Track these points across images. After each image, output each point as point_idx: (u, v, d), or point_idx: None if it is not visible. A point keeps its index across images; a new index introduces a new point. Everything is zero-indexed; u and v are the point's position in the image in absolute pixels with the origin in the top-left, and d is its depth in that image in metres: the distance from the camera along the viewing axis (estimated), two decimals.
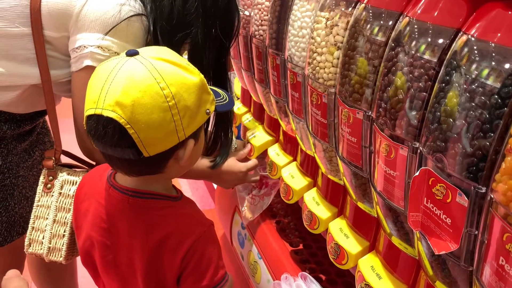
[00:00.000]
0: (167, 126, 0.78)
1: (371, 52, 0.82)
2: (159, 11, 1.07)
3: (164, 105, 0.77)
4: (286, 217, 1.58)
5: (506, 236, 0.55)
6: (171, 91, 0.78)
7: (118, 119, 0.76)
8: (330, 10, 0.95)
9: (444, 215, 0.65)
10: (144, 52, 0.81)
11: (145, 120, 0.77)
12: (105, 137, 0.79)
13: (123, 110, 0.76)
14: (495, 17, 0.61)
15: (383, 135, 0.77)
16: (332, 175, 1.08)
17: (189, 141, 0.84)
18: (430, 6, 0.72)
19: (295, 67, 1.11)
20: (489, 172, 0.58)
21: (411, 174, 0.73)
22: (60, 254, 1.11)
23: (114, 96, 0.77)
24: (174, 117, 0.78)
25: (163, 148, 0.81)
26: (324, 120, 1.00)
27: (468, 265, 0.64)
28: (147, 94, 0.76)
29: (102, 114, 0.77)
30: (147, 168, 0.86)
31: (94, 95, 0.79)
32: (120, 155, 0.81)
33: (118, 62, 0.80)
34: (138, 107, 0.76)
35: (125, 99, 0.76)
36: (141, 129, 0.77)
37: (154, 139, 0.79)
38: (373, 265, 0.92)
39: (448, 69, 0.65)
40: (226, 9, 1.14)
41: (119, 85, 0.77)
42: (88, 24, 1.03)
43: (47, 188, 1.12)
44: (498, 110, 0.57)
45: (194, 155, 0.91)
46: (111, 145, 0.80)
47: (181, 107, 0.79)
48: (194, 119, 0.82)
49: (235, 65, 1.65)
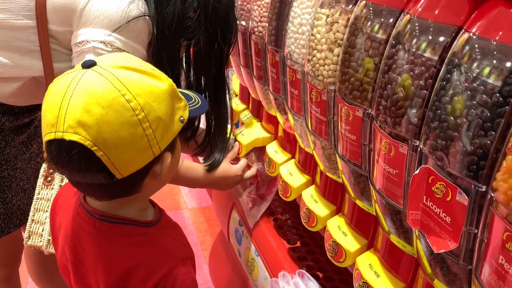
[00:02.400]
0: (139, 142, 0.70)
1: (371, 50, 0.82)
2: (161, 16, 1.08)
3: (133, 119, 0.69)
4: (283, 214, 1.58)
5: (506, 235, 0.55)
6: (138, 102, 0.69)
7: (83, 141, 0.67)
8: (330, 7, 0.95)
9: (444, 214, 0.65)
10: (102, 62, 0.72)
11: (113, 139, 0.68)
12: (70, 163, 0.70)
13: (87, 130, 0.67)
14: (497, 15, 0.61)
15: (383, 133, 0.77)
16: (331, 173, 1.08)
17: (165, 155, 0.76)
18: (431, 3, 0.72)
19: (294, 64, 1.10)
20: (489, 170, 0.58)
21: (410, 172, 0.72)
22: None
23: (75, 115, 0.67)
24: (146, 131, 0.70)
25: (137, 167, 0.73)
26: (323, 118, 0.99)
27: (467, 264, 0.64)
28: (112, 109, 0.68)
29: (63, 138, 0.68)
30: (121, 190, 0.77)
31: (52, 117, 0.69)
32: (90, 181, 0.72)
33: (75, 75, 0.70)
34: (103, 125, 0.67)
35: (88, 118, 0.67)
36: (110, 149, 0.68)
37: (126, 158, 0.70)
38: (371, 263, 0.92)
39: (449, 67, 0.65)
40: (225, 18, 1.17)
41: (79, 103, 0.68)
42: (92, 20, 1.03)
43: (47, 181, 1.12)
44: (500, 108, 0.56)
45: (172, 168, 0.82)
46: (79, 171, 0.71)
47: (152, 119, 0.70)
48: (168, 130, 0.74)
49: (234, 62, 1.65)
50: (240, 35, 1.45)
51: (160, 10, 1.09)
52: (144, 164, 0.73)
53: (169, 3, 1.10)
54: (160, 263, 0.80)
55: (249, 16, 1.37)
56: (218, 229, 2.09)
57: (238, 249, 1.61)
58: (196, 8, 1.12)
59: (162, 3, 1.09)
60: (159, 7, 1.09)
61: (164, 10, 1.09)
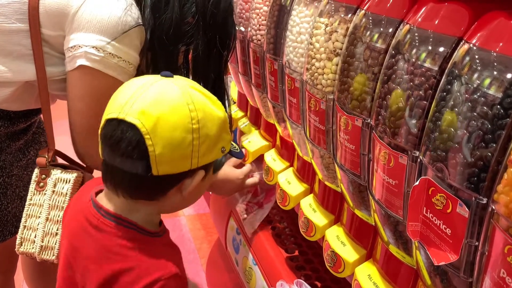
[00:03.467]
0: (185, 148, 0.78)
1: (370, 59, 0.81)
2: (159, 22, 1.08)
3: (189, 126, 0.77)
4: (281, 223, 1.57)
5: (507, 248, 0.54)
6: (198, 115, 0.78)
7: (141, 127, 0.76)
8: (329, 16, 0.95)
9: (444, 226, 0.64)
10: (179, 78, 0.83)
11: (166, 135, 0.76)
12: (120, 143, 0.77)
13: (147, 119, 0.76)
14: (498, 26, 0.61)
15: (382, 143, 0.77)
16: (329, 182, 1.07)
17: (199, 172, 0.83)
18: (431, 14, 0.72)
19: (293, 73, 1.10)
20: (490, 183, 0.57)
21: (410, 183, 0.72)
22: (53, 252, 1.10)
23: (142, 105, 0.77)
24: (194, 141, 0.78)
25: (173, 170, 0.79)
26: (322, 127, 0.99)
27: (467, 277, 0.63)
28: (175, 112, 0.77)
29: (124, 119, 0.77)
30: (148, 190, 0.82)
31: (120, 102, 0.79)
32: (128, 168, 0.78)
33: (152, 78, 0.81)
34: (162, 121, 0.76)
35: (152, 110, 0.76)
36: (160, 143, 0.76)
37: (168, 157, 0.77)
38: (370, 274, 0.91)
39: (449, 78, 0.65)
40: (224, 24, 1.16)
41: (149, 97, 0.78)
42: (84, 25, 1.03)
43: (40, 186, 1.11)
44: (500, 120, 0.56)
45: (198, 191, 0.88)
46: (123, 154, 0.78)
47: (202, 134, 0.79)
48: (211, 151, 0.82)
49: (232, 69, 1.64)
50: (239, 43, 1.45)
51: (158, 16, 1.08)
52: (180, 170, 0.80)
53: (167, 9, 1.09)
54: (151, 271, 0.81)
55: (247, 24, 1.37)
56: (215, 237, 2.08)
57: (235, 257, 1.60)
58: (195, 13, 1.11)
59: (159, 8, 1.08)
60: (156, 12, 1.08)
61: (162, 15, 1.08)
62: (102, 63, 1.03)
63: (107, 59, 1.03)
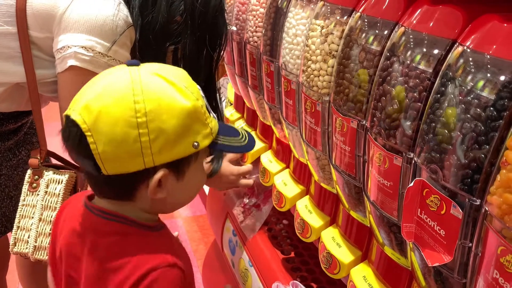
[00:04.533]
0: (131, 145, 0.70)
1: (366, 61, 0.82)
2: (146, 21, 1.07)
3: (131, 119, 0.69)
4: (278, 224, 1.57)
5: (500, 249, 0.54)
6: (145, 107, 0.70)
7: (81, 123, 0.71)
8: (325, 18, 0.95)
9: (438, 227, 0.64)
10: (145, 65, 0.75)
11: (106, 131, 0.70)
12: (68, 141, 0.74)
13: (88, 115, 0.71)
14: (491, 29, 0.61)
15: (377, 144, 0.77)
16: (325, 183, 1.07)
17: (160, 171, 0.74)
18: (426, 16, 0.72)
19: (289, 75, 1.10)
20: (484, 184, 0.58)
21: (405, 185, 0.72)
22: (46, 252, 1.10)
23: (86, 98, 0.72)
24: (141, 137, 0.70)
25: (124, 169, 0.72)
26: (317, 128, 0.99)
27: (461, 278, 0.64)
28: (117, 104, 0.70)
29: (69, 115, 0.73)
30: (111, 190, 0.77)
31: (76, 97, 0.75)
32: (82, 165, 0.75)
33: (112, 69, 0.76)
34: (103, 115, 0.70)
35: (94, 104, 0.71)
36: (101, 140, 0.70)
37: (113, 155, 0.71)
38: (365, 275, 0.92)
39: (443, 80, 0.65)
40: (214, 23, 1.15)
41: (96, 90, 0.73)
42: (72, 25, 1.03)
43: (33, 187, 1.11)
44: (494, 122, 0.56)
45: (176, 193, 0.79)
46: (74, 151, 0.75)
47: (153, 128, 0.70)
48: (172, 148, 0.72)
49: (229, 71, 1.65)
50: (236, 45, 1.46)
51: (146, 14, 1.08)
52: (132, 169, 0.72)
53: (154, 7, 1.08)
54: (145, 261, 0.75)
55: (244, 26, 1.38)
56: (211, 238, 2.08)
57: (231, 259, 1.60)
58: (183, 12, 1.10)
59: (147, 7, 1.08)
60: (144, 11, 1.08)
61: (149, 14, 1.08)
62: (92, 62, 1.03)
63: (97, 58, 1.03)
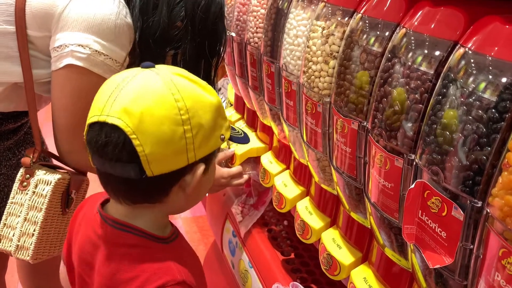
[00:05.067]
0: (178, 143, 0.71)
1: (367, 63, 0.82)
2: (146, 25, 1.07)
3: (176, 117, 0.70)
4: (278, 225, 1.57)
5: (502, 252, 0.54)
6: (186, 104, 0.71)
7: (124, 127, 0.69)
8: (326, 19, 0.95)
9: (439, 229, 0.64)
10: (161, 67, 0.76)
11: (153, 132, 0.69)
12: (106, 148, 0.71)
13: (130, 118, 0.69)
14: (493, 31, 0.61)
15: (378, 146, 0.77)
16: (326, 185, 1.07)
17: (198, 166, 0.75)
18: (427, 17, 0.72)
19: (290, 76, 1.10)
20: (485, 186, 0.58)
21: (406, 186, 0.72)
22: (28, 253, 1.09)
23: (123, 103, 0.70)
24: (186, 134, 0.71)
25: (169, 168, 0.72)
26: (318, 129, 0.99)
27: (462, 280, 0.64)
28: (159, 104, 0.70)
29: (106, 121, 0.70)
30: (147, 192, 0.76)
31: (101, 103, 0.72)
32: (119, 173, 0.72)
33: (132, 72, 0.75)
34: (147, 116, 0.69)
35: (134, 107, 0.70)
36: (148, 141, 0.69)
37: (161, 155, 0.70)
38: (365, 277, 0.91)
39: (445, 81, 0.65)
40: (214, 29, 1.15)
41: (129, 93, 0.71)
42: (70, 24, 1.03)
43: (23, 186, 1.10)
44: (495, 124, 0.56)
45: (202, 187, 0.81)
46: (111, 159, 0.71)
47: (194, 124, 0.72)
48: (208, 141, 0.75)
49: (229, 72, 1.65)
50: (236, 46, 1.46)
51: (146, 18, 1.08)
52: (176, 167, 0.73)
53: (155, 12, 1.08)
54: (155, 277, 0.75)
55: (244, 27, 1.38)
56: (211, 239, 2.08)
57: (231, 260, 1.59)
58: (183, 17, 1.10)
59: (147, 11, 1.08)
60: (144, 15, 1.07)
61: (150, 18, 1.08)
62: (89, 60, 1.03)
63: (94, 56, 1.02)
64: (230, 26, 1.48)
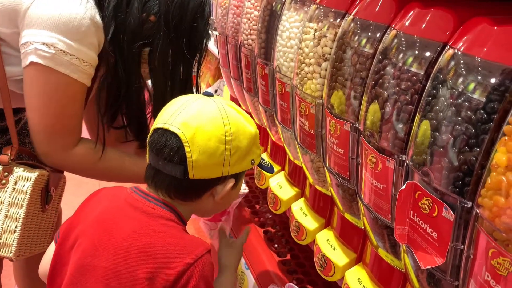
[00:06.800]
0: (218, 157, 0.89)
1: (358, 64, 0.82)
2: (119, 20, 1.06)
3: (222, 137, 0.89)
4: (274, 227, 1.57)
5: (491, 252, 0.55)
6: (231, 129, 0.90)
7: (181, 136, 0.88)
8: (318, 21, 0.95)
9: (430, 229, 0.65)
10: (218, 97, 0.96)
11: (202, 144, 0.88)
12: (164, 149, 0.89)
13: (187, 129, 0.88)
14: (482, 32, 0.61)
15: (370, 147, 0.77)
16: (320, 186, 1.08)
17: (229, 180, 0.93)
18: (417, 19, 0.73)
19: (283, 77, 1.10)
20: (475, 186, 0.58)
21: (397, 187, 0.72)
22: (10, 250, 1.09)
23: (184, 117, 0.89)
24: (226, 152, 0.89)
25: (207, 175, 0.90)
26: (311, 131, 0.99)
27: (454, 280, 0.64)
28: (211, 124, 0.89)
29: (169, 129, 0.89)
30: (184, 191, 0.93)
31: (168, 115, 0.91)
32: (168, 171, 0.90)
33: (195, 96, 0.94)
34: (200, 131, 0.88)
35: (192, 122, 0.88)
36: (196, 151, 0.87)
37: (203, 164, 0.88)
38: (360, 277, 0.92)
39: (434, 82, 0.65)
40: (193, 27, 1.13)
41: (191, 111, 0.90)
42: (35, 21, 1.02)
43: (1, 183, 1.09)
44: (484, 124, 0.57)
45: (228, 198, 0.98)
46: (165, 158, 0.89)
47: (234, 145, 0.90)
48: (241, 161, 0.93)
49: (224, 74, 1.65)
50: (231, 47, 1.46)
51: (120, 15, 1.07)
52: (212, 176, 0.91)
53: (128, 7, 1.07)
54: (191, 249, 0.88)
55: (239, 29, 1.38)
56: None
57: None
58: (157, 12, 1.09)
59: (121, 6, 1.07)
60: (118, 11, 1.06)
61: (122, 14, 1.07)
62: (53, 60, 1.02)
63: (59, 56, 1.02)
64: (225, 28, 1.48)
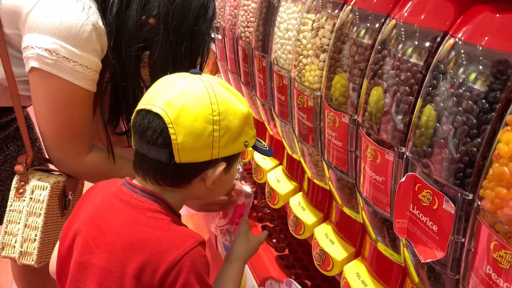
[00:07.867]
0: (206, 139, 0.82)
1: (357, 55, 0.81)
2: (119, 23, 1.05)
3: (209, 117, 0.82)
4: (272, 221, 1.56)
5: (493, 245, 0.53)
6: (219, 108, 0.83)
7: (164, 116, 0.81)
8: (316, 12, 0.94)
9: (431, 222, 0.63)
10: (206, 75, 0.89)
11: (187, 125, 0.81)
12: (147, 132, 0.83)
13: (171, 110, 0.81)
14: (483, 20, 0.60)
15: (369, 139, 0.76)
16: (318, 180, 1.06)
17: (220, 163, 0.86)
18: (417, 8, 0.71)
19: (281, 70, 1.09)
20: (476, 178, 0.57)
21: (397, 180, 0.71)
22: (32, 258, 1.11)
23: (168, 97, 0.82)
24: (214, 133, 0.82)
25: (195, 158, 0.83)
26: (310, 124, 0.98)
27: (454, 274, 0.63)
28: (197, 103, 0.82)
29: (151, 109, 0.82)
30: (173, 177, 0.86)
31: (150, 94, 0.85)
32: (153, 155, 0.84)
33: (181, 74, 0.87)
34: (185, 111, 0.81)
35: (176, 101, 0.81)
36: (181, 132, 0.81)
37: (189, 146, 0.81)
38: (358, 272, 0.91)
39: (435, 72, 0.64)
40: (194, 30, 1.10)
41: (176, 90, 0.83)
42: (36, 25, 1.00)
43: (19, 193, 1.10)
44: (486, 115, 0.55)
45: (222, 184, 0.91)
46: (149, 141, 0.83)
47: (223, 126, 0.83)
48: (232, 143, 0.85)
49: (222, 67, 1.63)
50: (228, 40, 1.44)
51: (122, 18, 1.05)
52: (201, 159, 0.84)
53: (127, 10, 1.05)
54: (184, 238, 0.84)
55: (236, 22, 1.36)
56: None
57: None
58: (156, 14, 1.06)
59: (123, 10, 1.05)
60: (120, 16, 1.05)
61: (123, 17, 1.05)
62: (56, 66, 1.00)
63: (61, 62, 1.00)
64: (222, 21, 1.46)
